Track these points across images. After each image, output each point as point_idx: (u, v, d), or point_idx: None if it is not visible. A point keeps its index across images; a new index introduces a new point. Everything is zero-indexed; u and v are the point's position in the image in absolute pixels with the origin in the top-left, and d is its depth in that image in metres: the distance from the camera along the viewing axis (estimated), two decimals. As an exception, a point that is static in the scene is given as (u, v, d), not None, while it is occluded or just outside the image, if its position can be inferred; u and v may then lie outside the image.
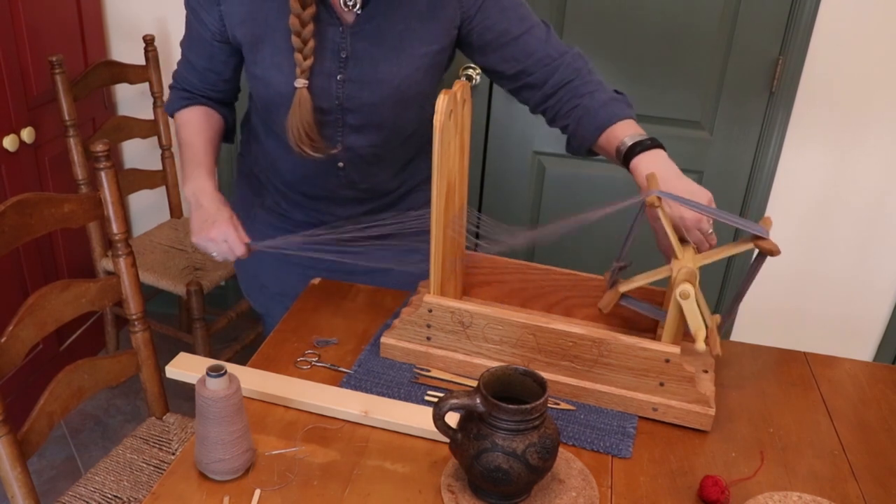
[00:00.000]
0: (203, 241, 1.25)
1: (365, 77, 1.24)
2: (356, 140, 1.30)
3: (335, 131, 1.29)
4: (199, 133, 1.35)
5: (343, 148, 1.31)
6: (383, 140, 1.32)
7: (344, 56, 1.23)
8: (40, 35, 2.09)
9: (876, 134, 2.15)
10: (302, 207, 1.44)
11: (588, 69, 1.27)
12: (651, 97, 2.20)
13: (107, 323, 2.43)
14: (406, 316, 1.21)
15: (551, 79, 1.27)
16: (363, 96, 1.25)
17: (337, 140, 1.30)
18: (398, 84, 1.25)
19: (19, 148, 2.04)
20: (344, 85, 1.24)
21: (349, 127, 1.29)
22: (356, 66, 1.24)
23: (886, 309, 2.38)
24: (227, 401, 0.94)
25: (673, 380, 1.10)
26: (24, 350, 1.23)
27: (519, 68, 1.27)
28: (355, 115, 1.27)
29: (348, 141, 1.30)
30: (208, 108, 1.38)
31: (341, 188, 1.38)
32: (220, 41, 1.29)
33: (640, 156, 1.17)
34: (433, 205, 1.12)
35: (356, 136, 1.30)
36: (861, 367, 1.31)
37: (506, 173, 2.39)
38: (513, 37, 1.26)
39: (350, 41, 1.22)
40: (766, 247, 1.07)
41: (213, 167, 1.32)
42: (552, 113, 1.30)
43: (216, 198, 1.27)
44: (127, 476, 1.40)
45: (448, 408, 0.92)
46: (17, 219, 1.23)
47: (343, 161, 1.33)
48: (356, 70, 1.24)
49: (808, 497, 1.00)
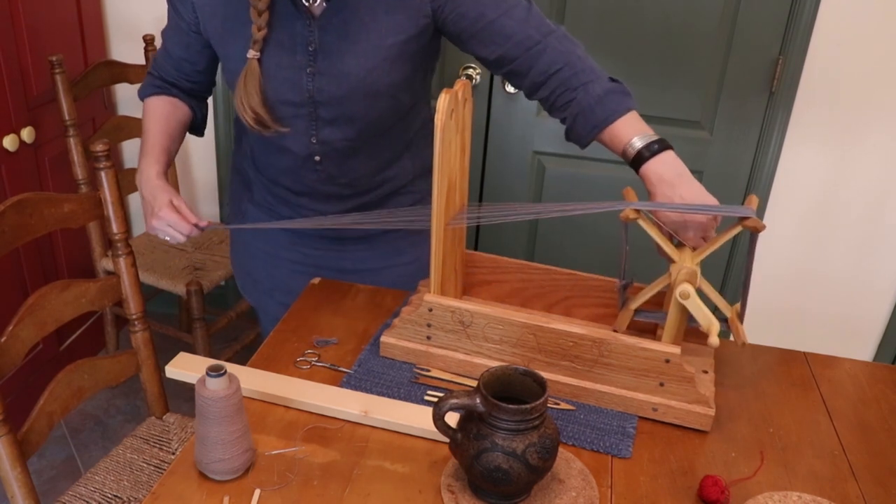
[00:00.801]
0: (151, 230, 1.29)
1: (333, 70, 1.24)
2: (330, 133, 1.31)
3: (309, 125, 1.30)
4: (158, 121, 1.37)
5: (318, 141, 1.32)
6: (357, 133, 1.31)
7: (312, 49, 1.24)
8: (40, 35, 2.09)
9: (876, 133, 2.15)
10: (287, 203, 1.44)
11: (577, 54, 1.21)
12: (651, 97, 2.20)
13: (107, 323, 2.43)
14: (406, 315, 1.21)
15: (536, 65, 1.21)
16: (332, 89, 1.25)
17: (311, 133, 1.31)
18: (364, 76, 1.24)
19: (19, 148, 2.04)
20: (314, 78, 1.25)
21: (322, 120, 1.29)
22: (325, 60, 1.24)
23: (886, 309, 2.38)
24: (227, 401, 0.94)
25: (673, 380, 1.10)
26: (24, 350, 1.23)
27: (499, 53, 1.22)
28: (327, 109, 1.28)
29: (322, 134, 1.31)
30: (176, 100, 1.40)
31: (320, 183, 1.38)
32: (196, 31, 1.31)
33: (649, 162, 1.14)
34: (434, 204, 1.12)
35: (330, 129, 1.30)
36: (861, 367, 1.31)
37: (506, 173, 2.39)
38: (488, 20, 1.21)
39: (318, 34, 1.23)
40: (751, 225, 1.08)
41: (161, 154, 1.33)
42: (547, 105, 1.25)
43: (155, 185, 1.29)
44: (127, 476, 1.40)
45: (448, 408, 0.92)
46: (17, 219, 1.23)
47: (319, 155, 1.33)
48: (325, 63, 1.24)
49: (808, 497, 1.00)
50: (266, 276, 1.54)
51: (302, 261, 1.49)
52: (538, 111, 2.28)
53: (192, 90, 1.41)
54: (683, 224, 1.11)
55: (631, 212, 1.10)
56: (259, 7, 1.20)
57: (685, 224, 1.11)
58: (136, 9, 2.41)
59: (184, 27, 1.32)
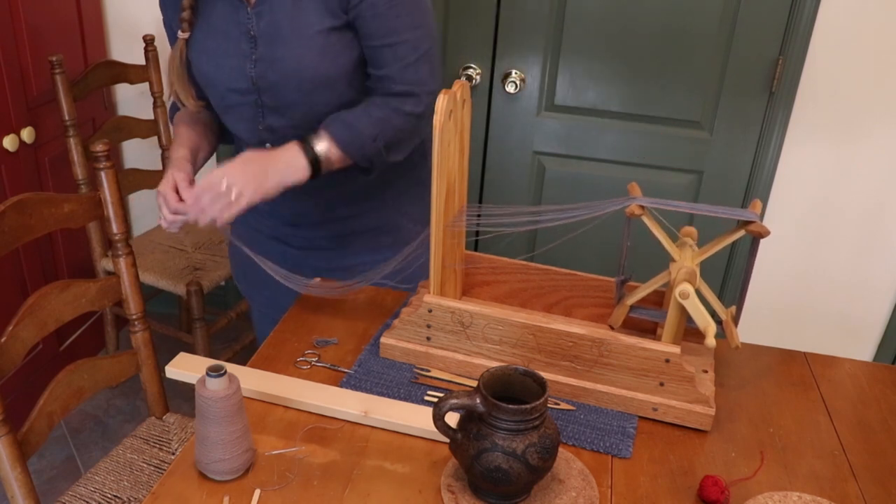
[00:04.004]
0: None
1: (269, 56, 1.26)
2: (275, 120, 1.32)
3: (256, 111, 1.32)
4: (181, 123, 1.39)
5: (265, 128, 1.33)
6: (300, 121, 1.31)
7: (252, 35, 1.26)
8: (40, 35, 2.10)
9: (876, 134, 2.15)
10: None
11: (390, 122, 1.26)
12: (651, 97, 2.20)
13: (107, 323, 2.43)
14: (406, 316, 1.21)
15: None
16: (270, 76, 1.27)
17: (258, 120, 1.32)
18: (296, 65, 1.25)
19: (19, 148, 2.04)
20: (256, 65, 1.27)
21: (266, 107, 1.31)
22: (263, 46, 1.26)
23: (886, 309, 2.38)
24: (227, 401, 0.94)
25: (673, 380, 1.10)
26: (24, 350, 1.23)
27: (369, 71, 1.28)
28: (268, 95, 1.29)
29: (268, 121, 1.32)
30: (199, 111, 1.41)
31: None
32: None
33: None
34: (433, 205, 1.12)
35: (275, 116, 1.32)
36: (861, 367, 1.31)
37: (506, 173, 2.39)
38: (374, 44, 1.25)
39: (255, 21, 1.25)
40: (755, 230, 1.08)
41: (183, 142, 1.34)
42: None
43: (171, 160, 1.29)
44: (127, 476, 1.40)
45: (448, 408, 0.92)
46: (17, 219, 1.23)
47: (269, 142, 1.34)
48: (264, 49, 1.26)
49: (808, 497, 1.00)
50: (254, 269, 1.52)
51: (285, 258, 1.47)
52: (538, 111, 2.28)
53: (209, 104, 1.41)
54: None
55: (636, 207, 1.10)
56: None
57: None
58: (136, 9, 2.41)
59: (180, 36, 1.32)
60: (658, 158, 2.28)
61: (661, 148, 2.26)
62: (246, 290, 1.64)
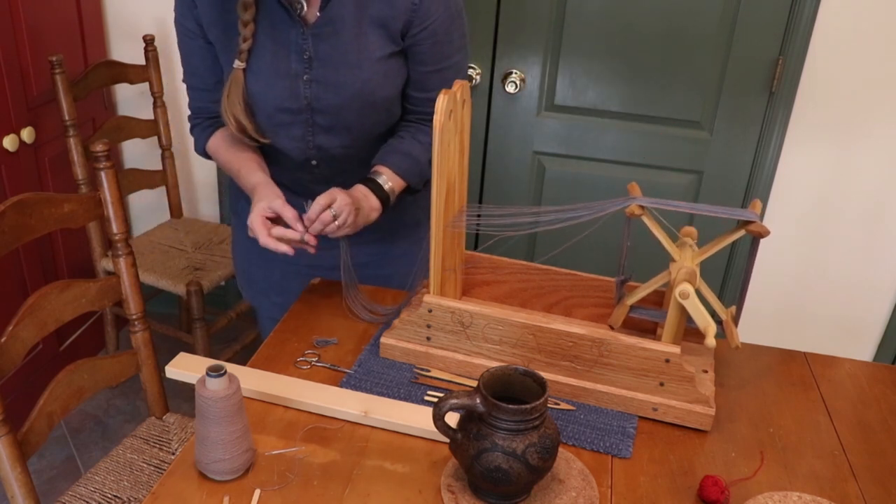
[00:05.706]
0: None
1: (329, 79, 1.26)
2: (326, 140, 1.32)
3: (306, 131, 1.31)
4: (230, 149, 1.37)
5: (314, 147, 1.33)
6: (352, 140, 1.34)
7: (307, 57, 1.25)
8: (40, 35, 2.10)
9: (876, 134, 2.15)
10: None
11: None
12: (651, 97, 2.20)
13: (107, 323, 2.43)
14: (406, 316, 1.21)
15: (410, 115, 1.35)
16: (329, 97, 1.27)
17: (308, 139, 1.32)
18: (360, 88, 1.27)
19: (19, 148, 2.04)
20: (311, 86, 1.27)
21: (319, 127, 1.31)
22: (320, 68, 1.26)
23: (886, 309, 2.38)
24: (227, 401, 0.94)
25: (673, 380, 1.10)
26: (24, 350, 1.23)
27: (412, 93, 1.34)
28: (323, 117, 1.29)
29: (318, 140, 1.32)
30: None
31: (315, 183, 1.39)
32: (208, 42, 1.31)
33: None
34: (433, 205, 1.12)
35: (326, 136, 1.32)
36: (861, 367, 1.31)
37: (506, 173, 2.39)
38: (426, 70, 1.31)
39: (312, 42, 1.25)
40: (755, 230, 1.08)
41: (255, 167, 1.33)
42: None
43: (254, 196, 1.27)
44: (127, 476, 1.40)
45: (448, 408, 0.92)
46: (17, 219, 1.23)
47: (316, 160, 1.35)
48: (320, 71, 1.26)
49: (808, 497, 1.00)
50: (261, 276, 1.54)
51: (295, 262, 1.48)
52: (538, 111, 2.28)
53: None
54: None
55: (636, 207, 1.10)
56: (245, 18, 1.22)
57: None
58: (136, 9, 2.41)
59: (199, 44, 1.31)
60: (658, 158, 2.28)
61: (660, 148, 2.26)
62: (253, 297, 1.62)
